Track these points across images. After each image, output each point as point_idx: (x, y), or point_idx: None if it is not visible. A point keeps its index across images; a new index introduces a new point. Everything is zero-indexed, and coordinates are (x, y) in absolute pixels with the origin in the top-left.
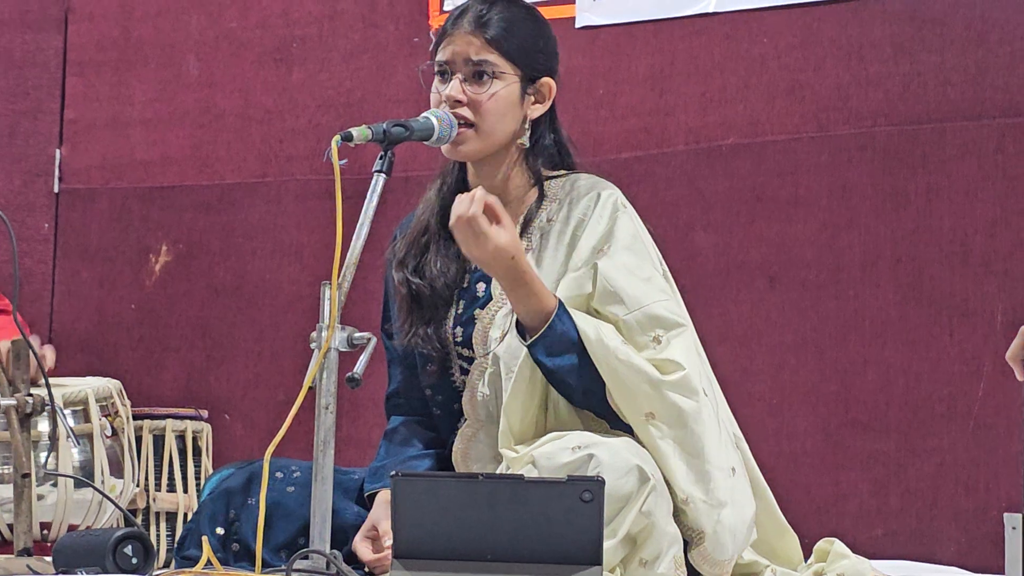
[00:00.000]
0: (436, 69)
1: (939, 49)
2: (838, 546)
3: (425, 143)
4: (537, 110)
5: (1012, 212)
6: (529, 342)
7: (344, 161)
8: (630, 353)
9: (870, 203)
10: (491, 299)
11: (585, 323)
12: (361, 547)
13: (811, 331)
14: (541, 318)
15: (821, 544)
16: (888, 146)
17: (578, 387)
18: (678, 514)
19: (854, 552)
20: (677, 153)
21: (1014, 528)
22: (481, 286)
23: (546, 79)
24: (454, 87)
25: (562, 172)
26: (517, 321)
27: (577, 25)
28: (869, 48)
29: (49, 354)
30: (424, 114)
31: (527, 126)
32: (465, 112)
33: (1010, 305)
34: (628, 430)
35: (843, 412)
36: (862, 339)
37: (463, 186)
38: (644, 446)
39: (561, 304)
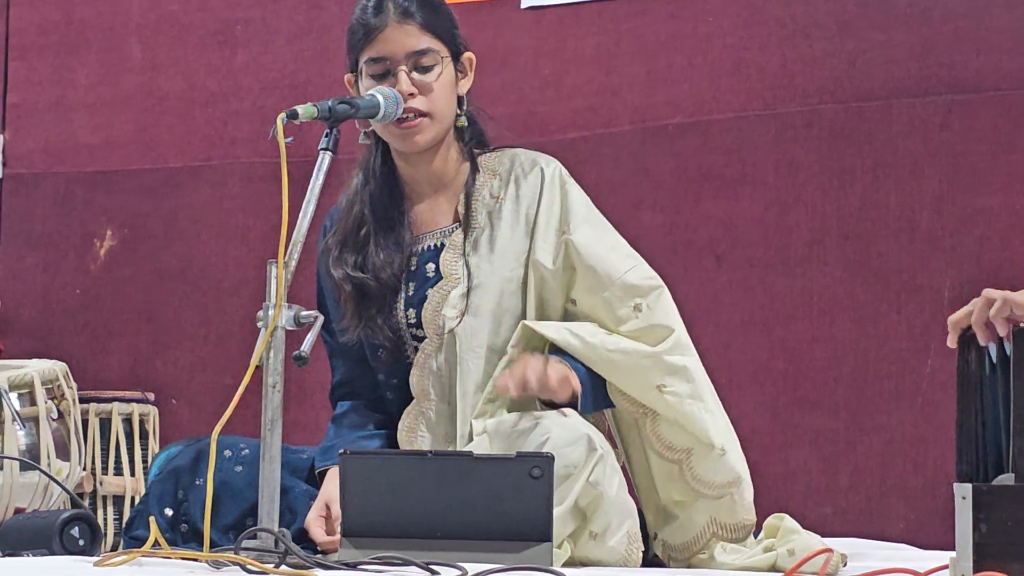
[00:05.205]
0: (371, 71)
1: (884, 27)
2: (788, 521)
3: (371, 121)
4: (465, 85)
5: (958, 188)
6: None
7: (290, 139)
8: (617, 340)
9: (816, 181)
10: (442, 278)
11: (557, 334)
12: (314, 527)
13: (759, 309)
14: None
15: (771, 520)
16: (834, 123)
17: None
18: (711, 472)
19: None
20: (623, 133)
21: (964, 498)
22: (431, 266)
23: (467, 53)
24: (405, 81)
25: (494, 148)
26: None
27: (523, 5)
28: (814, 26)
29: None
30: (370, 91)
31: (462, 104)
32: (418, 103)
33: (957, 280)
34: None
35: (791, 390)
36: (810, 317)
37: (392, 175)
38: (671, 421)
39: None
